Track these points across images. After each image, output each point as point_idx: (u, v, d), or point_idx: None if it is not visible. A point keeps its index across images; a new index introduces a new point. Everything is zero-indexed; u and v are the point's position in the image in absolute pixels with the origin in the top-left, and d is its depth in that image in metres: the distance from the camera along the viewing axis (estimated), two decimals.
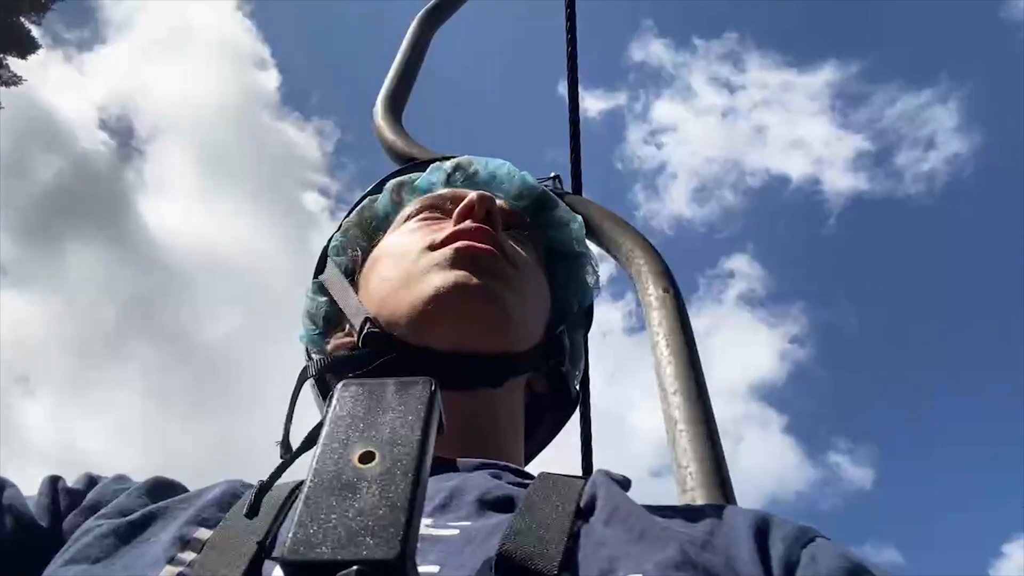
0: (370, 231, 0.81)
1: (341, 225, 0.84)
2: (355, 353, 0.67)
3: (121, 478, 0.61)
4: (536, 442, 0.84)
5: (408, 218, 0.76)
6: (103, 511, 0.55)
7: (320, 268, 0.82)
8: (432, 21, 2.22)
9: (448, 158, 0.85)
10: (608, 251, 1.62)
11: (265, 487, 0.50)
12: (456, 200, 0.74)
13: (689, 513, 0.54)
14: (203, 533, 0.49)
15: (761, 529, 0.51)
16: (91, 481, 0.61)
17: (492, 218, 0.69)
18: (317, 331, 0.78)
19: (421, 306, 0.64)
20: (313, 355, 0.79)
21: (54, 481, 0.59)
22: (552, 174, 1.86)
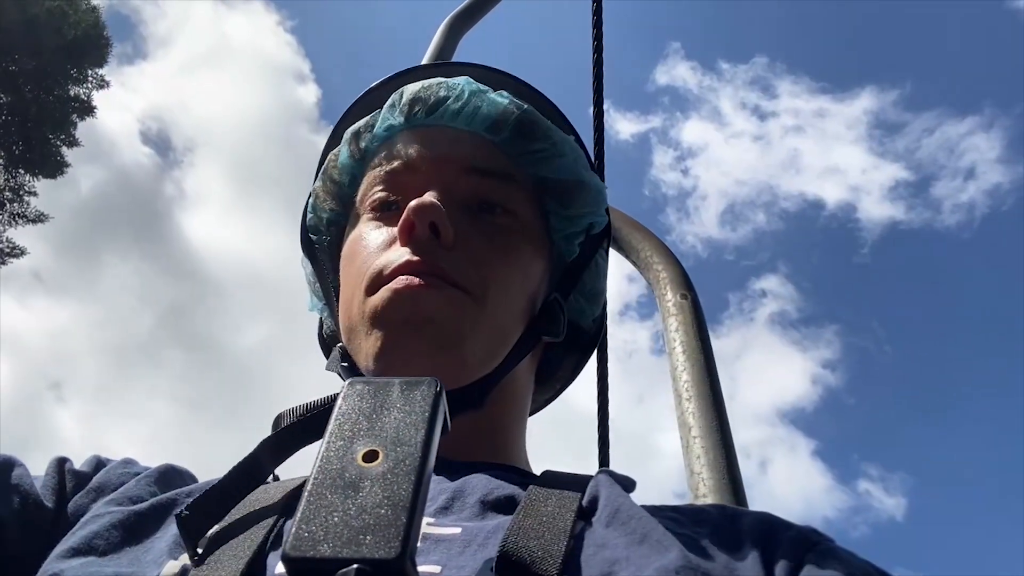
0: (340, 196, 0.73)
1: (312, 190, 0.76)
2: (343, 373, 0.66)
3: (129, 462, 0.61)
4: (559, 381, 0.80)
5: (364, 199, 0.68)
6: (111, 495, 0.55)
7: (304, 238, 0.76)
8: (457, 28, 2.23)
9: (409, 75, 0.74)
10: (627, 256, 1.62)
11: (187, 521, 0.47)
12: (410, 176, 0.66)
13: (692, 514, 0.53)
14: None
15: (765, 533, 0.50)
16: (99, 464, 0.61)
17: (437, 230, 0.61)
18: (324, 303, 0.75)
19: (373, 363, 0.60)
20: (326, 329, 0.77)
21: (61, 462, 0.59)
22: None
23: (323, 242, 0.74)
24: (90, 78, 14.54)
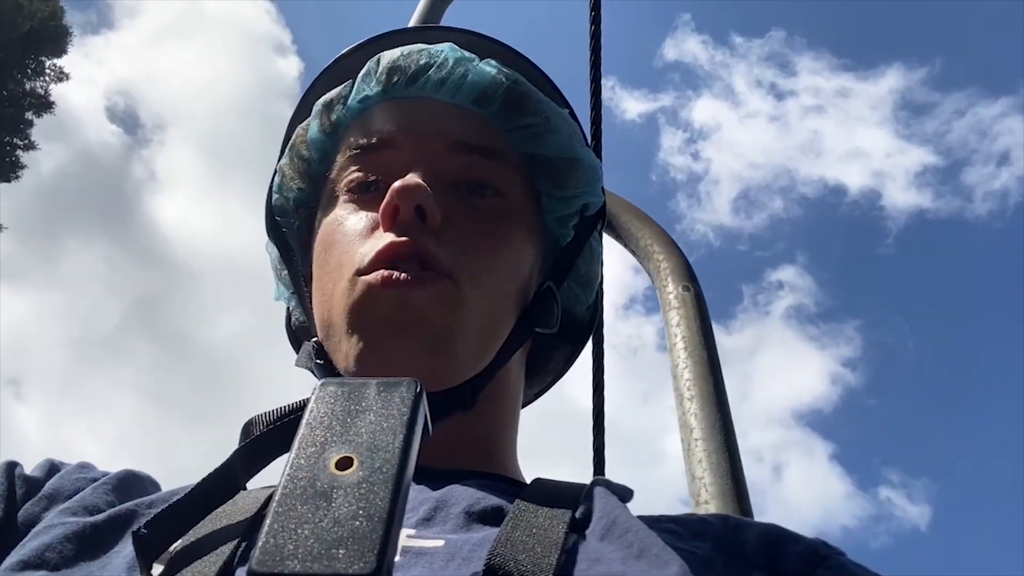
0: (310, 174, 0.68)
1: (277, 167, 0.70)
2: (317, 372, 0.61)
3: (85, 466, 0.58)
4: (551, 373, 0.76)
5: (339, 180, 0.64)
6: (66, 504, 0.52)
7: (269, 222, 0.70)
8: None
9: (385, 40, 0.68)
10: (625, 245, 1.58)
11: (146, 543, 0.44)
12: (389, 155, 0.62)
13: (693, 526, 0.50)
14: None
15: (771, 547, 0.47)
16: (52, 468, 0.58)
17: (424, 213, 0.57)
18: (291, 291, 0.70)
19: (352, 364, 0.56)
20: (294, 321, 0.72)
21: (11, 467, 0.56)
22: None
23: (291, 225, 0.69)
24: (48, 70, 13.96)
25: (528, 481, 0.56)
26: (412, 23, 2.00)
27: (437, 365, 0.56)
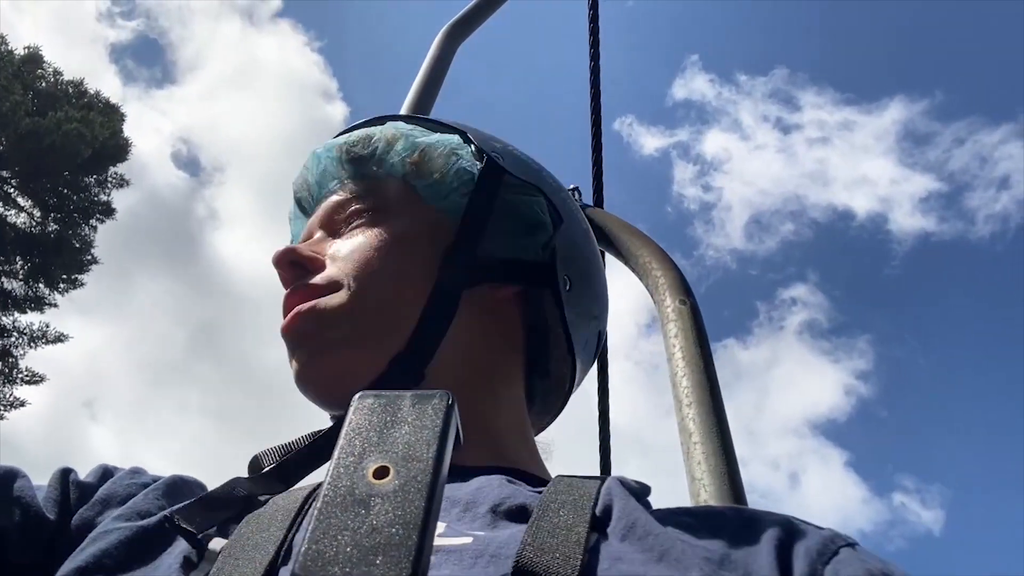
0: None
1: None
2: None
3: (136, 471, 0.61)
4: (550, 330, 0.74)
5: None
6: (119, 510, 0.54)
7: None
8: (455, 36, 2.23)
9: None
10: (625, 262, 1.61)
11: (213, 496, 0.52)
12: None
13: (707, 519, 0.51)
14: (217, 543, 0.48)
15: (783, 542, 0.48)
16: (105, 474, 0.60)
17: (299, 263, 0.68)
18: None
19: (296, 381, 0.67)
20: None
21: (65, 474, 0.59)
22: (571, 186, 1.85)
23: None
24: (110, 179, 14.90)
25: (550, 475, 0.57)
26: (422, 68, 2.07)
27: (339, 362, 0.64)
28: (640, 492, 0.53)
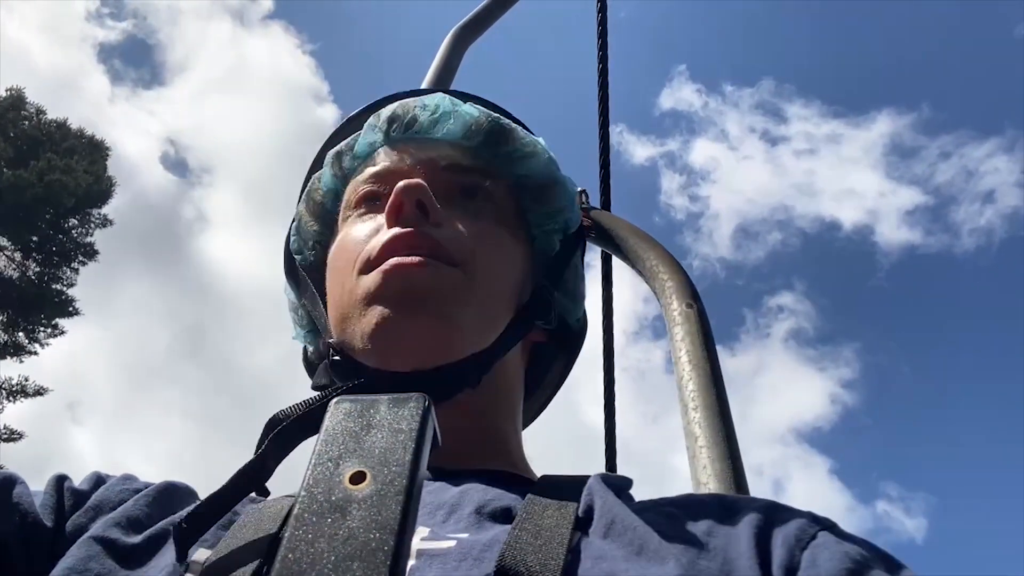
0: (323, 216, 0.75)
1: (296, 214, 0.78)
2: (330, 389, 0.63)
3: (128, 478, 0.61)
4: (548, 386, 0.82)
5: (349, 207, 0.71)
6: (109, 515, 0.55)
7: (287, 263, 0.78)
8: (463, 39, 2.23)
9: (384, 101, 0.77)
10: (632, 265, 1.60)
11: (184, 533, 0.49)
12: (392, 176, 0.68)
13: (690, 508, 0.52)
14: (202, 554, 0.48)
15: (763, 528, 0.48)
16: (98, 480, 0.61)
17: (425, 208, 0.62)
18: (308, 331, 0.77)
19: (370, 341, 0.60)
20: (310, 354, 0.79)
21: (60, 480, 0.59)
22: (579, 189, 1.84)
23: (308, 260, 0.76)
24: (93, 220, 14.98)
25: (535, 476, 0.58)
26: (430, 70, 2.05)
27: (443, 337, 0.60)
28: (621, 486, 0.54)
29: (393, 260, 0.61)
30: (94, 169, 14.74)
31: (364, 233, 0.66)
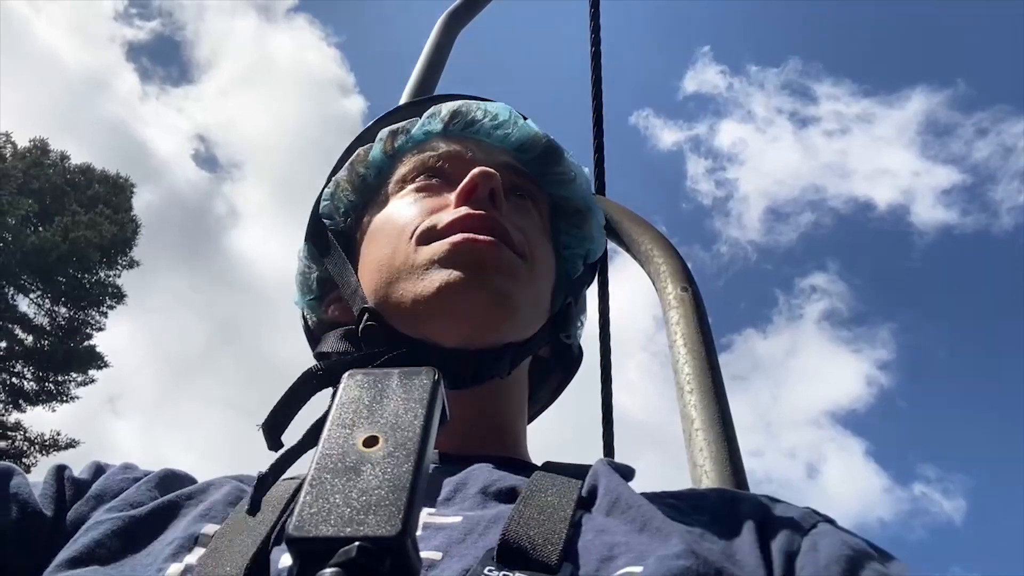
0: (363, 188, 0.76)
1: (330, 179, 0.79)
2: (357, 356, 0.64)
3: (128, 467, 0.61)
4: (539, 402, 0.84)
5: (404, 181, 0.72)
6: (111, 503, 0.55)
7: (312, 227, 0.78)
8: (454, 24, 2.23)
9: (444, 98, 0.79)
10: (627, 249, 1.62)
11: (265, 480, 0.50)
12: (454, 162, 0.71)
13: (691, 500, 0.55)
14: (211, 528, 0.50)
15: (763, 517, 0.51)
16: (98, 470, 0.61)
17: (496, 198, 0.65)
18: (313, 297, 0.77)
19: (424, 305, 0.61)
20: (310, 322, 0.78)
21: (60, 470, 0.59)
22: None
23: (338, 225, 0.76)
24: (119, 264, 15.32)
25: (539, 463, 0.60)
26: (421, 56, 2.06)
27: (499, 317, 0.63)
28: (625, 472, 0.56)
29: (465, 234, 0.63)
30: (118, 218, 14.98)
31: (423, 207, 0.68)
